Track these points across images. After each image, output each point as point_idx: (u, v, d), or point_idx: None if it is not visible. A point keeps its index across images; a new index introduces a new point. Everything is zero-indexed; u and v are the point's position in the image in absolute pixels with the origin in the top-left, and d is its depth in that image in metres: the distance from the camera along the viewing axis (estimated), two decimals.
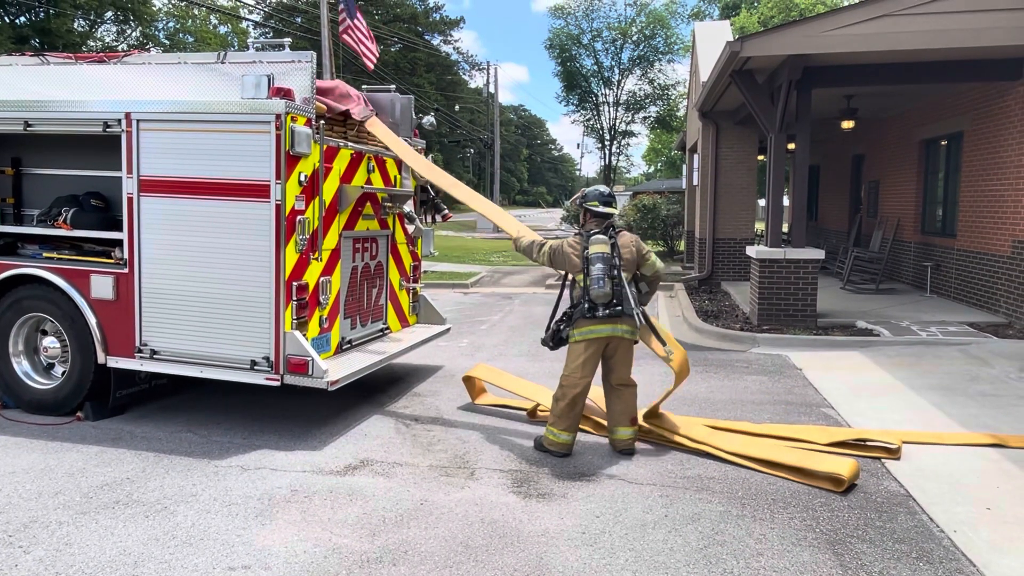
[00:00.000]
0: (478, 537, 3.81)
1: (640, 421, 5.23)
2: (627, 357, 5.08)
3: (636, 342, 5.09)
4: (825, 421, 5.71)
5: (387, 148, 6.35)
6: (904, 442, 5.09)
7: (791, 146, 11.08)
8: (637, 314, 4.92)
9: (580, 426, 5.24)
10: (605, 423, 5.34)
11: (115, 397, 5.76)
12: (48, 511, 4.09)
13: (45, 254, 5.81)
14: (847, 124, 12.64)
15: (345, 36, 16.73)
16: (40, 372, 5.95)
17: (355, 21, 16.78)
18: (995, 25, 8.10)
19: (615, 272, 4.87)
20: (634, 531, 3.88)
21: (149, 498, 4.27)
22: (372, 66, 17.29)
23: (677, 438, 5.14)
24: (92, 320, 5.53)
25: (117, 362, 5.54)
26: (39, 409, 5.77)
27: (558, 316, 5.17)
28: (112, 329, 5.51)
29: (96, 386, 5.66)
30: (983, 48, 8.43)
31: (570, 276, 5.15)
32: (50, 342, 5.86)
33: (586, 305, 4.90)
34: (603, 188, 5.31)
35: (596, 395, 5.58)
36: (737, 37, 9.27)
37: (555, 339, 5.13)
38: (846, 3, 32.74)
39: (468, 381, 6.32)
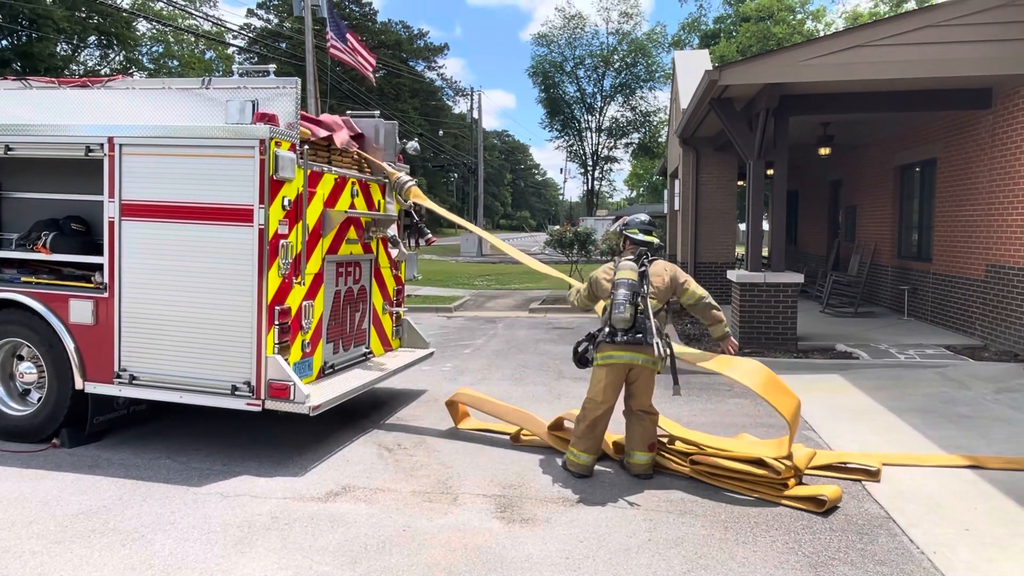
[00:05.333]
0: (461, 563, 3.78)
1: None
2: (648, 385, 5.07)
3: (659, 372, 5.05)
4: (806, 444, 5.74)
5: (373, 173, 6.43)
6: (884, 464, 5.13)
7: (770, 172, 11.26)
8: (657, 344, 4.82)
9: (564, 448, 5.28)
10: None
11: (92, 423, 5.67)
12: (21, 541, 4.00)
13: (23, 278, 5.75)
14: (824, 151, 12.90)
15: (334, 51, 16.93)
16: (15, 398, 5.85)
17: (347, 44, 17.02)
18: (965, 56, 8.36)
19: (638, 299, 4.84)
20: (618, 556, 3.87)
21: (126, 526, 4.19)
22: (373, 77, 17.54)
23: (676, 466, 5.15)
24: (70, 345, 5.46)
25: (95, 387, 5.46)
26: (14, 436, 5.66)
27: (584, 337, 5.20)
28: (91, 354, 5.45)
29: (73, 412, 5.57)
30: (954, 78, 8.69)
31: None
32: (26, 367, 5.77)
33: (607, 329, 4.93)
34: (644, 216, 5.37)
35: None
36: (716, 66, 9.47)
37: (580, 359, 5.18)
38: (822, 33, 33.59)
39: (451, 406, 6.29)
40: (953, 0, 8.43)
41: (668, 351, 4.92)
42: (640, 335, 4.84)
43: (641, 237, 5.18)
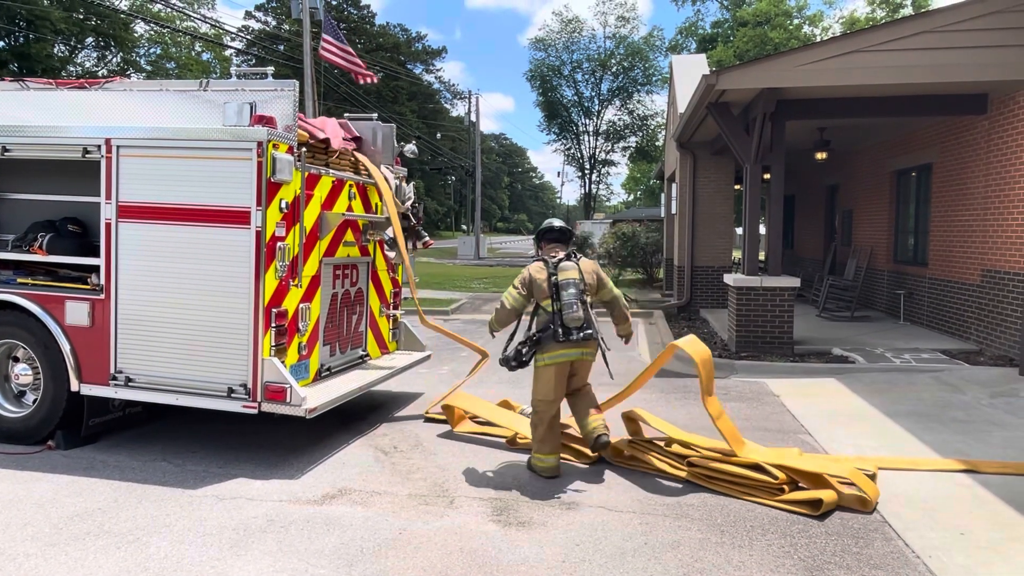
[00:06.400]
0: (457, 567, 3.77)
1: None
2: (586, 371, 5.33)
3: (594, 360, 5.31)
4: (803, 448, 5.74)
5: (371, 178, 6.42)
6: (880, 468, 5.14)
7: (767, 176, 11.29)
8: (600, 338, 5.15)
9: (561, 454, 5.32)
10: (583, 449, 5.45)
11: (88, 425, 5.65)
12: (15, 543, 3.99)
13: (19, 280, 5.73)
14: (820, 155, 12.93)
15: (325, 54, 16.99)
16: (10, 400, 5.83)
17: (343, 43, 17.11)
18: (961, 62, 8.39)
19: (584, 297, 5.06)
20: (614, 559, 3.87)
21: (121, 529, 4.18)
22: (370, 77, 17.59)
23: (659, 463, 5.16)
24: (66, 347, 5.45)
25: (91, 389, 5.45)
26: (8, 438, 5.64)
27: (520, 339, 5.20)
28: (86, 356, 5.43)
29: (68, 414, 5.56)
30: (950, 84, 8.72)
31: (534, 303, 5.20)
32: (22, 369, 5.76)
33: (559, 330, 4.98)
34: (552, 221, 5.54)
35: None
36: (713, 70, 9.49)
37: (519, 361, 5.16)
38: (819, 39, 33.68)
39: (448, 409, 6.29)
40: (950, 6, 8.48)
41: (604, 343, 5.23)
42: (589, 331, 5.02)
43: (557, 224, 5.42)
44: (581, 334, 4.98)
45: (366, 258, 6.71)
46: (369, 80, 17.54)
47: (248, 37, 51.64)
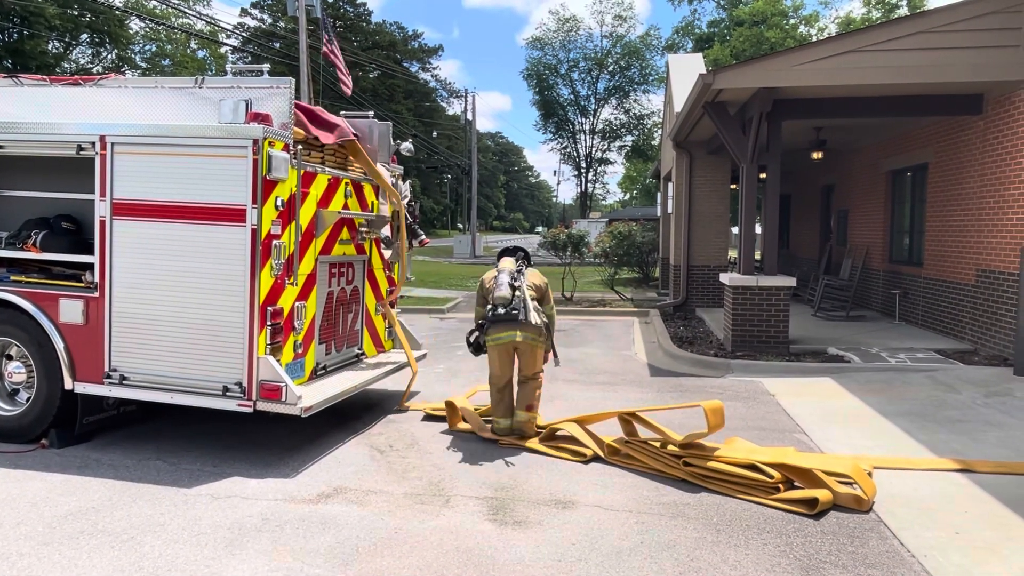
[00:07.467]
0: (453, 566, 3.76)
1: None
2: (531, 357, 5.89)
3: (543, 347, 5.92)
4: (798, 447, 5.75)
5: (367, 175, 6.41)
6: (875, 468, 5.15)
7: (763, 175, 11.30)
8: (537, 321, 5.68)
9: (557, 454, 5.42)
10: (579, 448, 5.48)
11: (82, 424, 5.63)
12: (9, 542, 3.97)
13: (13, 277, 5.71)
14: (816, 155, 12.95)
15: (329, 55, 17.11)
16: (4, 398, 5.80)
17: (333, 46, 17.19)
18: (956, 62, 8.41)
19: (517, 284, 5.76)
20: (610, 558, 3.86)
21: (115, 528, 4.16)
22: (349, 91, 17.85)
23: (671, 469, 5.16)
24: (60, 345, 5.42)
25: (85, 388, 5.43)
26: (1, 437, 5.62)
27: (474, 327, 5.99)
28: (80, 354, 5.41)
29: (62, 413, 5.53)
30: (945, 84, 8.74)
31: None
32: (15, 367, 5.73)
33: (489, 306, 5.79)
34: (509, 244, 6.70)
35: (578, 431, 5.64)
36: (710, 69, 9.49)
37: (475, 347, 6.00)
38: (815, 38, 33.74)
39: (450, 406, 6.29)
40: (945, 6, 8.50)
41: (546, 329, 5.86)
42: (516, 311, 5.65)
43: (511, 246, 6.35)
44: (504, 311, 5.64)
45: (362, 256, 6.70)
46: (346, 86, 17.76)
47: (244, 34, 51.47)
